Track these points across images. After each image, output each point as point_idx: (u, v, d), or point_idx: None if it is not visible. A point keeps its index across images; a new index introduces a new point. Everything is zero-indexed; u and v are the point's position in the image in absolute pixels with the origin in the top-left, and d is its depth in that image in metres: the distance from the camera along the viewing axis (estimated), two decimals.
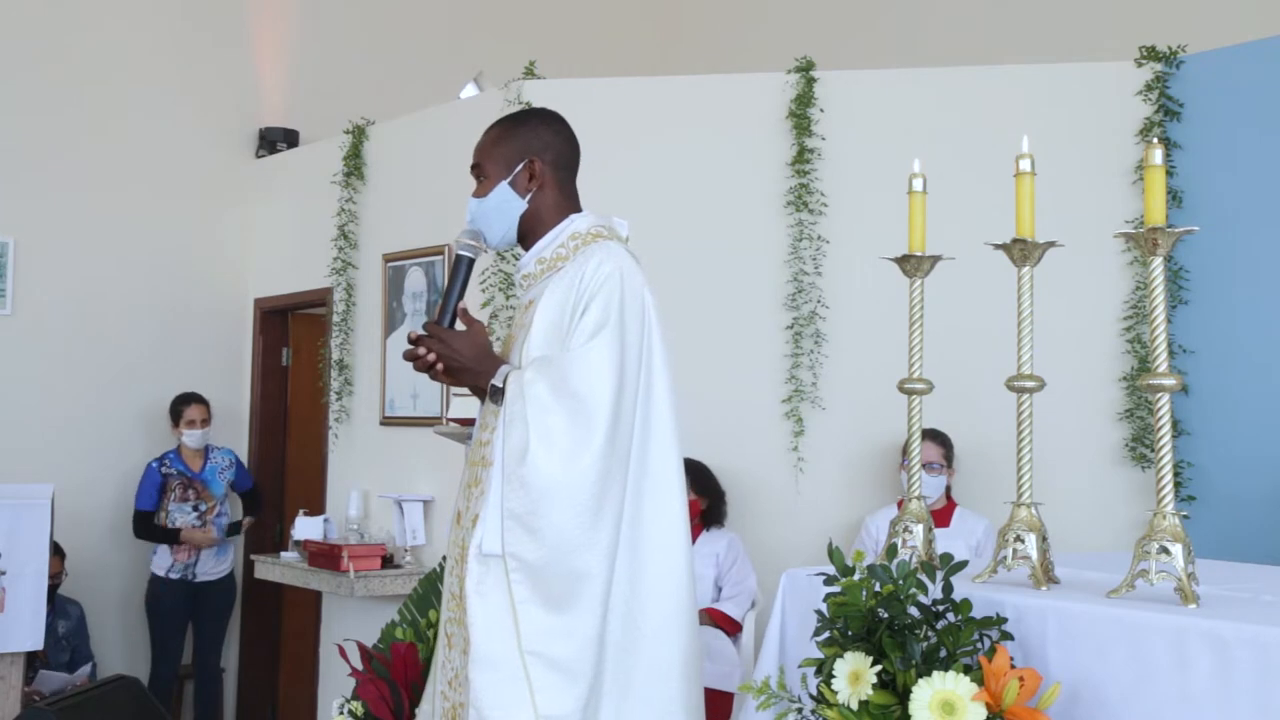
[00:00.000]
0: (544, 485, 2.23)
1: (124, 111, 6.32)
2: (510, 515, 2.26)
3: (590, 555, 2.26)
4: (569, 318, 2.35)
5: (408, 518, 5.42)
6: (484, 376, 2.39)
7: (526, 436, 2.25)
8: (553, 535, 2.24)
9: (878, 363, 4.14)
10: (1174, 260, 4.55)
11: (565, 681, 2.23)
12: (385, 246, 5.86)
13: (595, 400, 2.26)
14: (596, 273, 2.36)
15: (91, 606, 5.85)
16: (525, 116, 2.60)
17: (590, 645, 2.26)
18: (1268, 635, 1.67)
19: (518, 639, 2.24)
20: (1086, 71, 4.86)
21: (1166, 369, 2.01)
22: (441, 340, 2.39)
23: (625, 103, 5.08)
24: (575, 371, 2.29)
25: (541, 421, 2.25)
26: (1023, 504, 2.15)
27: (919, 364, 2.41)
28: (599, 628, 2.27)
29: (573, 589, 2.25)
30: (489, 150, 2.53)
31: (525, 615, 2.24)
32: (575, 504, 2.24)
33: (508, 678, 2.23)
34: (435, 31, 7.40)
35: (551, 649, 2.24)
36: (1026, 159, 2.19)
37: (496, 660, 2.24)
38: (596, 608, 2.27)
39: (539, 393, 2.27)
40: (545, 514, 2.24)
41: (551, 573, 2.24)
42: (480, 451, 2.42)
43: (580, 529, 2.25)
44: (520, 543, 2.25)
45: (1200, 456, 4.49)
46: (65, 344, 6.10)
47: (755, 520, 4.83)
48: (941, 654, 1.89)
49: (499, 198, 2.50)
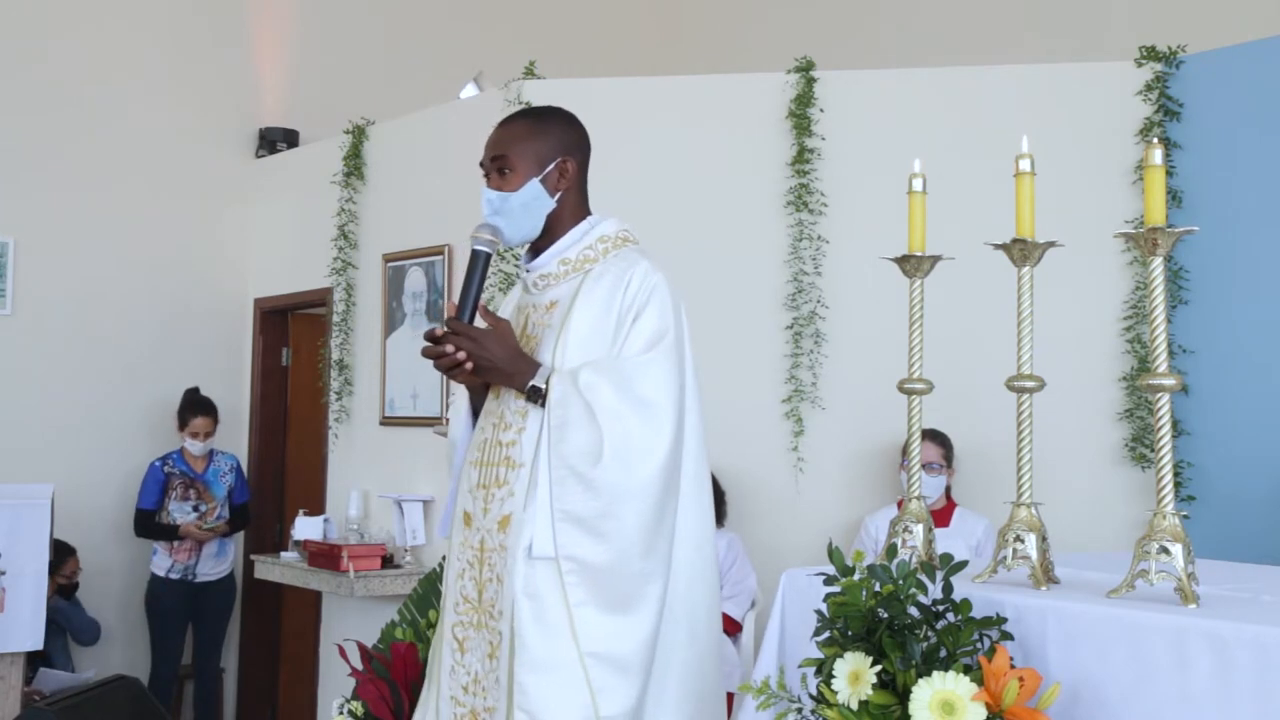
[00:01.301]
0: (618, 488, 2.24)
1: (124, 111, 6.32)
2: (569, 518, 2.24)
3: (653, 558, 2.28)
4: (614, 322, 2.35)
5: (408, 518, 5.42)
6: (519, 377, 2.33)
7: (598, 440, 2.24)
8: (621, 538, 2.24)
9: (878, 363, 4.13)
10: (1174, 260, 4.55)
11: (624, 681, 2.25)
12: (385, 246, 5.86)
13: (663, 406, 2.29)
14: (645, 281, 2.36)
15: (92, 607, 5.86)
16: (552, 114, 2.53)
17: (648, 644, 2.28)
18: (1268, 635, 1.66)
19: (575, 641, 2.23)
20: (1086, 71, 4.86)
21: (1166, 369, 2.01)
22: (471, 338, 2.31)
23: (625, 103, 5.08)
24: (641, 378, 2.29)
25: (615, 426, 2.25)
26: (1023, 504, 2.15)
27: (919, 364, 2.41)
28: (656, 627, 2.29)
29: (636, 591, 2.26)
30: (519, 144, 2.44)
31: (582, 617, 2.23)
32: (645, 507, 2.26)
33: (565, 680, 2.22)
34: (435, 31, 7.40)
35: (612, 650, 2.24)
36: (1026, 159, 2.19)
37: (553, 663, 2.23)
38: (656, 608, 2.29)
39: (605, 397, 2.27)
40: (617, 516, 2.24)
41: (615, 575, 2.25)
42: (503, 451, 2.37)
43: (646, 532, 2.27)
44: (580, 545, 2.24)
45: (1200, 456, 4.49)
46: (65, 344, 6.10)
47: (755, 520, 4.83)
48: (941, 654, 1.89)
49: (530, 194, 2.42)
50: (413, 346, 5.59)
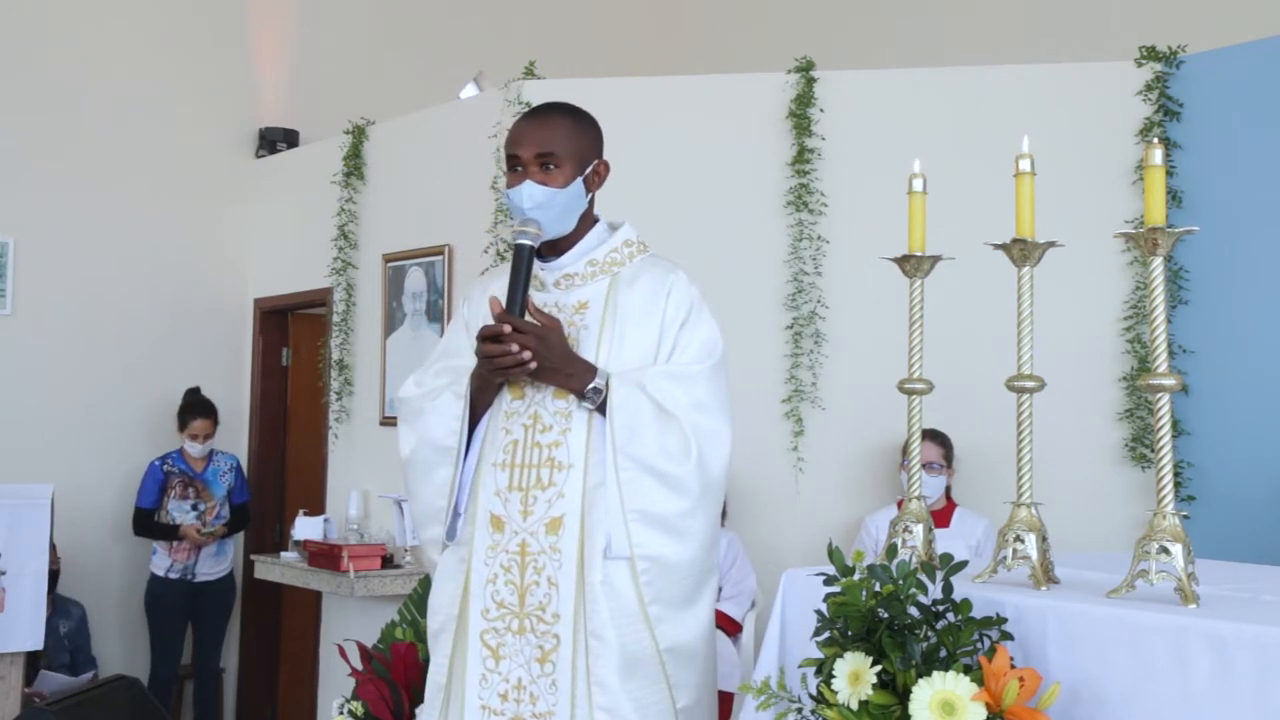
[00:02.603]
0: (705, 488, 2.32)
1: (124, 111, 6.32)
2: (644, 518, 2.28)
3: (716, 552, 2.42)
4: (656, 328, 2.40)
5: (408, 518, 5.41)
6: (577, 378, 2.32)
7: (681, 440, 2.29)
8: (700, 535, 2.33)
9: (878, 363, 4.14)
10: (1174, 260, 4.55)
11: (693, 672, 2.35)
12: (385, 246, 5.86)
13: (726, 410, 2.38)
14: (688, 291, 2.45)
15: (92, 606, 5.85)
16: (584, 113, 2.52)
17: (709, 634, 2.39)
18: (1268, 635, 1.66)
19: (654, 638, 2.29)
20: (1086, 71, 4.86)
21: (1166, 369, 2.00)
22: (538, 337, 2.28)
23: (625, 103, 5.07)
24: (706, 384, 2.36)
25: (693, 425, 2.31)
26: (1023, 504, 2.15)
27: (919, 364, 2.41)
28: (713, 616, 2.41)
29: (702, 583, 2.36)
30: (567, 141, 2.40)
31: (657, 615, 2.30)
32: (718, 505, 2.40)
33: (648, 677, 2.29)
34: (435, 31, 7.40)
35: (682, 643, 2.33)
36: (1026, 159, 2.19)
37: (636, 661, 2.28)
38: (712, 599, 2.40)
39: (678, 399, 2.32)
40: (702, 514, 2.33)
41: (689, 571, 2.33)
42: (544, 453, 2.34)
43: (716, 528, 2.39)
44: (660, 544, 2.29)
45: (1200, 456, 4.49)
46: (65, 344, 6.10)
47: (755, 520, 4.83)
48: (941, 654, 1.89)
49: (575, 193, 2.41)
50: (413, 346, 5.60)
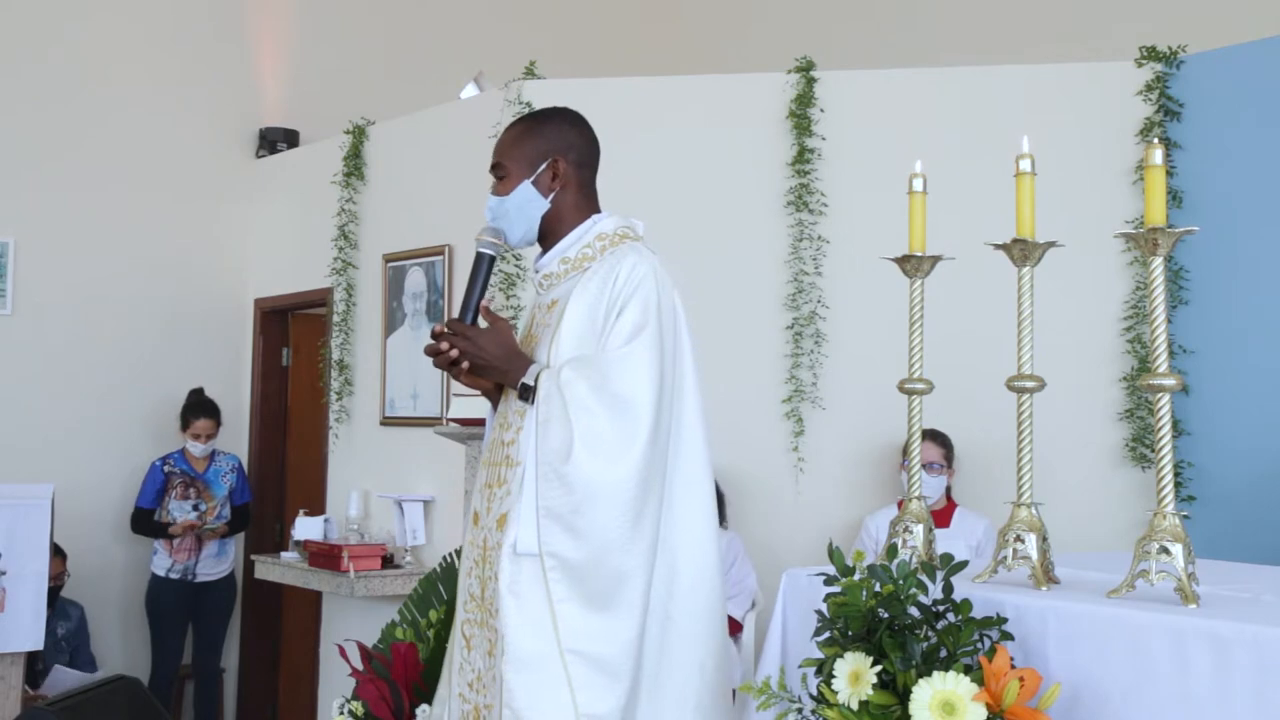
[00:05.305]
0: (589, 485, 2.23)
1: (124, 111, 6.33)
2: (549, 514, 2.24)
3: (632, 555, 2.26)
4: (602, 318, 2.35)
5: (408, 518, 5.41)
6: (512, 375, 2.38)
7: (570, 436, 2.24)
8: (596, 535, 2.24)
9: (878, 363, 4.14)
10: (1174, 260, 4.55)
11: (607, 681, 2.23)
12: (385, 246, 5.86)
13: (638, 401, 2.27)
14: (631, 274, 2.36)
15: (92, 607, 5.85)
16: (548, 115, 2.57)
17: (632, 645, 2.26)
18: (1267, 635, 1.66)
19: (557, 638, 2.23)
20: (1087, 71, 4.86)
21: (1166, 369, 2.01)
22: (467, 337, 2.37)
23: (625, 103, 5.07)
24: (617, 372, 2.29)
25: (585, 421, 2.25)
26: (1023, 504, 2.15)
27: (919, 364, 2.41)
28: (640, 627, 2.28)
29: (614, 589, 2.25)
30: (510, 149, 2.50)
31: (564, 614, 2.23)
32: (619, 504, 2.24)
33: (547, 678, 2.22)
34: (435, 31, 7.40)
35: (593, 648, 2.23)
36: (1026, 159, 2.19)
37: (535, 660, 2.23)
38: (638, 607, 2.27)
39: (579, 392, 2.27)
40: (589, 513, 2.23)
41: (593, 572, 2.24)
42: (503, 451, 2.40)
43: (623, 529, 2.25)
44: (560, 542, 2.24)
45: (1200, 456, 4.49)
46: (65, 344, 6.11)
47: (755, 520, 4.83)
48: (941, 654, 1.89)
49: (521, 197, 2.47)
50: (413, 346, 5.60)
